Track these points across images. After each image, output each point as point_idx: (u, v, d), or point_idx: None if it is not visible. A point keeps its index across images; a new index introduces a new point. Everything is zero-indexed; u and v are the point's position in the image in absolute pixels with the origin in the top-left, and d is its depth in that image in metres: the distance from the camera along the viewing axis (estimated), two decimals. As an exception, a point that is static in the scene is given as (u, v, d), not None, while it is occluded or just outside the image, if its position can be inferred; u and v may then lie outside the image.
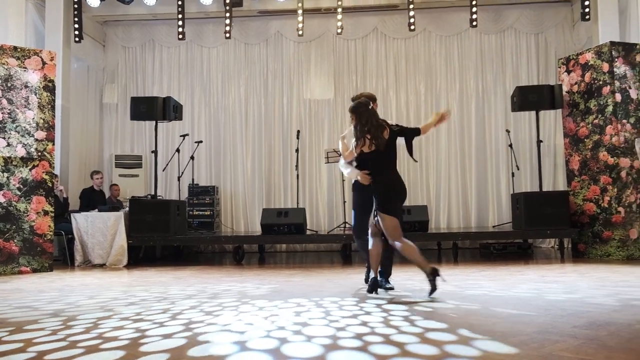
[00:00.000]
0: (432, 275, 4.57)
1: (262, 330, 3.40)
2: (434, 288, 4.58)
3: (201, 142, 10.81)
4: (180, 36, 10.54)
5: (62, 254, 9.22)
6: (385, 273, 5.28)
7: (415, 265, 4.72)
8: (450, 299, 4.55)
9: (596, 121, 8.25)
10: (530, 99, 8.76)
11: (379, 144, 4.85)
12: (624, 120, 8.03)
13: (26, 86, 7.94)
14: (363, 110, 4.87)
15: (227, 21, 10.46)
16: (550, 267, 7.20)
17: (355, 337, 3.18)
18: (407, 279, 6.00)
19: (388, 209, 4.80)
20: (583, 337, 3.08)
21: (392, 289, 5.16)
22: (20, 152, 7.78)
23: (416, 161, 5.44)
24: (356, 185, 5.25)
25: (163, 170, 10.48)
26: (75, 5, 10.30)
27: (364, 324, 3.55)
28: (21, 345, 3.14)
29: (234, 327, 3.51)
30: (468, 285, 5.51)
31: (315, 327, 3.49)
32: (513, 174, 10.18)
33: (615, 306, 4.06)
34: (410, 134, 5.10)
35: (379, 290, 4.98)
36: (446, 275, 6.38)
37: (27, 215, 7.77)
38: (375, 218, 4.88)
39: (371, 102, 5.05)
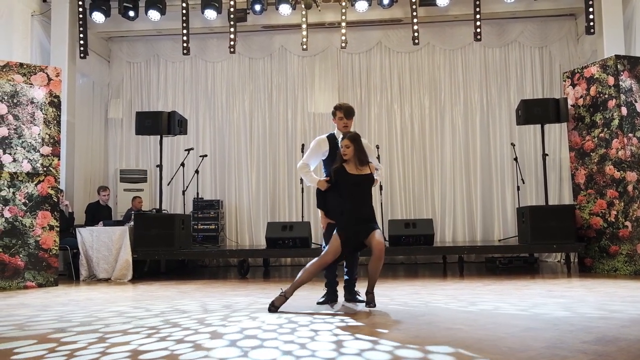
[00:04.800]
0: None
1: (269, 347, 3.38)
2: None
3: (206, 156, 10.82)
4: (185, 51, 10.59)
5: (67, 268, 9.21)
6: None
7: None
8: (456, 314, 4.52)
9: (602, 135, 8.23)
10: (535, 112, 8.73)
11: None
12: (630, 134, 7.99)
13: (32, 102, 7.97)
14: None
15: (232, 36, 10.50)
16: (557, 282, 7.15)
17: (359, 351, 3.16)
18: (414, 293, 5.96)
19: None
20: (592, 352, 3.05)
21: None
22: (26, 167, 7.80)
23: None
24: None
25: (168, 185, 10.49)
26: (81, 22, 10.37)
27: (370, 340, 3.53)
28: None
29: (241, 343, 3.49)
30: (474, 299, 5.47)
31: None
32: (518, 188, 10.14)
33: (624, 321, 4.02)
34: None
35: (379, 305, 5.07)
36: (452, 289, 6.37)
37: (33, 230, 7.77)
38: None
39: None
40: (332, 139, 5.48)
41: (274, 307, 4.85)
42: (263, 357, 3.12)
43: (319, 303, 5.36)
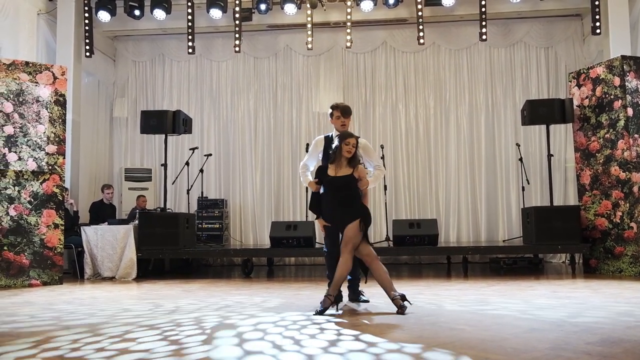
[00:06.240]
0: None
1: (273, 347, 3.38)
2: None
3: (210, 155, 10.82)
4: (190, 50, 10.61)
5: (72, 267, 9.23)
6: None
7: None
8: (460, 314, 4.51)
9: (607, 135, 8.20)
10: (540, 112, 8.71)
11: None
12: (636, 135, 7.96)
13: (37, 101, 7.99)
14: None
15: (237, 35, 10.51)
16: (561, 283, 7.14)
17: (360, 351, 3.16)
18: (418, 293, 5.95)
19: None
20: (597, 354, 3.04)
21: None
22: (32, 165, 7.82)
23: None
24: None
25: (172, 184, 10.49)
26: (86, 21, 10.40)
27: (373, 340, 3.53)
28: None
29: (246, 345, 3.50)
30: (478, 300, 5.46)
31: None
32: (523, 188, 10.10)
33: (629, 322, 4.01)
34: None
35: (382, 305, 5.04)
36: (456, 290, 6.36)
37: (38, 229, 7.80)
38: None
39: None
40: (328, 139, 5.47)
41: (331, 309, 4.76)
42: (262, 354, 3.12)
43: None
